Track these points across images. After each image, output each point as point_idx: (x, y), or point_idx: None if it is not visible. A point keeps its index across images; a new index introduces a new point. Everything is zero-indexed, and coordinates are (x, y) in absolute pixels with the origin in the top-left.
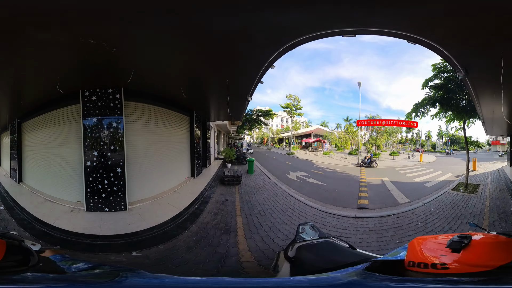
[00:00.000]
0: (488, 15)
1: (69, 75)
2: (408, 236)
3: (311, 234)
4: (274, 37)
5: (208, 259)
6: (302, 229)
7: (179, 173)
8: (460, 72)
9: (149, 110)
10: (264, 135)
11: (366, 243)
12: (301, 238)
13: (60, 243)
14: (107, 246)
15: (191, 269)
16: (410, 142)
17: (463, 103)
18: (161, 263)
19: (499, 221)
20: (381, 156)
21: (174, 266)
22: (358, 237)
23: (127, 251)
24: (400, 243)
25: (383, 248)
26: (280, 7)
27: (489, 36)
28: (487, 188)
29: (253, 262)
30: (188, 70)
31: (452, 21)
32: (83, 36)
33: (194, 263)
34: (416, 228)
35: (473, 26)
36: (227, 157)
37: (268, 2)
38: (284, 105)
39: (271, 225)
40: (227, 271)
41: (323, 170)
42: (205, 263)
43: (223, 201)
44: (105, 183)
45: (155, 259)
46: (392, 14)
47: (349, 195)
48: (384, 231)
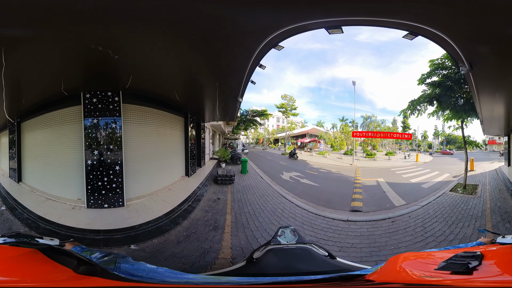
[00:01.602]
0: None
1: (73, 78)
2: (404, 242)
3: (289, 239)
4: (251, 32)
5: (192, 253)
6: (281, 232)
7: (174, 172)
8: (464, 66)
9: (146, 112)
10: (259, 135)
11: (355, 249)
12: (276, 241)
13: (67, 239)
14: (109, 240)
15: (175, 262)
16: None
17: (461, 102)
18: (154, 256)
19: (502, 222)
20: (377, 156)
21: (163, 259)
22: (348, 242)
23: (126, 245)
24: (395, 249)
25: (375, 255)
26: None
27: (503, 31)
28: (486, 189)
29: (227, 259)
30: (180, 74)
31: (466, 11)
32: (94, 42)
33: (180, 256)
34: (413, 233)
35: (488, 18)
36: (221, 157)
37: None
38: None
39: (258, 224)
40: (199, 266)
41: (318, 171)
42: (188, 257)
43: (215, 200)
44: (105, 180)
45: (150, 252)
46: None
47: (342, 196)
48: (378, 236)
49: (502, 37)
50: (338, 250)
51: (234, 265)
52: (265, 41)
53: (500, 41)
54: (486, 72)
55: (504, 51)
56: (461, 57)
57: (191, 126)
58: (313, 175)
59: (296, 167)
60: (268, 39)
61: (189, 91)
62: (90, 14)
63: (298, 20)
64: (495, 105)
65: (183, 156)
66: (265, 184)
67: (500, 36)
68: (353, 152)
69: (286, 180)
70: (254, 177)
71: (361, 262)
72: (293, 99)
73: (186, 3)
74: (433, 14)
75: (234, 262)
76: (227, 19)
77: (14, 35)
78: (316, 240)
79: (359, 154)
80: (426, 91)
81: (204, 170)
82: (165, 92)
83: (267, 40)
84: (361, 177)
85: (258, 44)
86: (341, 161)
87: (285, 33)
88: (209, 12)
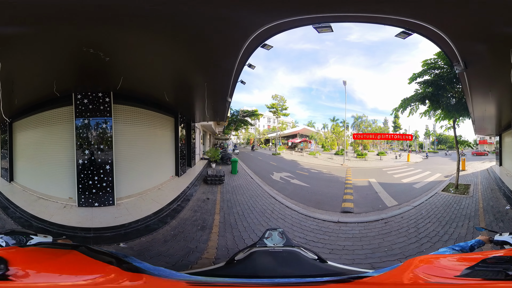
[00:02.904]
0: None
1: (64, 79)
2: (398, 244)
3: (276, 241)
4: (237, 29)
5: (177, 252)
6: (268, 234)
7: (164, 172)
8: (459, 65)
9: (136, 112)
10: (250, 135)
11: (347, 251)
12: (262, 243)
13: (60, 237)
14: (99, 238)
15: (159, 261)
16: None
17: (454, 101)
18: (140, 254)
19: (495, 221)
20: (368, 157)
21: (149, 257)
22: (339, 244)
23: (116, 243)
24: (390, 251)
25: (369, 257)
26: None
27: (500, 31)
28: (478, 188)
29: (210, 259)
30: (169, 75)
31: (465, 9)
32: (85, 44)
33: (165, 255)
34: (407, 234)
35: (486, 17)
36: (212, 157)
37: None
38: (269, 106)
39: (246, 225)
40: (181, 265)
41: (308, 171)
42: (172, 256)
43: (204, 200)
44: (95, 179)
45: (138, 250)
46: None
47: (333, 197)
48: (371, 237)
49: (498, 36)
50: (329, 253)
51: (214, 265)
52: (251, 37)
53: (496, 40)
54: (480, 71)
55: (500, 50)
56: (457, 56)
57: (182, 126)
58: (303, 175)
59: (286, 167)
60: (253, 36)
61: (178, 91)
62: (82, 15)
63: (286, 16)
64: (488, 105)
65: (173, 156)
66: (255, 184)
67: (497, 35)
68: (344, 152)
69: (276, 180)
70: (244, 177)
71: (353, 264)
72: (284, 99)
73: (171, 3)
74: (429, 10)
75: (216, 263)
76: (213, 17)
77: (5, 34)
78: (306, 242)
79: (350, 154)
80: (418, 90)
81: (194, 170)
82: (155, 93)
83: (253, 37)
84: (352, 178)
85: (244, 42)
86: (332, 161)
87: (274, 29)
88: (193, 10)
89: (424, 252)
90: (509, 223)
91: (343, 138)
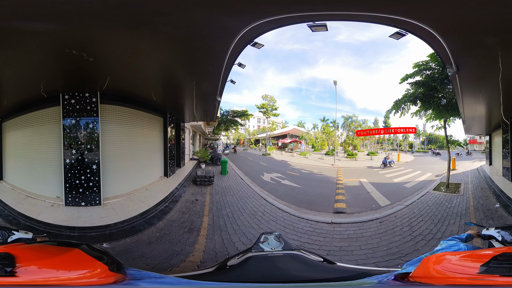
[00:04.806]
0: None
1: (51, 80)
2: (394, 242)
3: (274, 245)
4: (223, 28)
5: (160, 255)
6: (264, 239)
7: (152, 172)
8: (451, 68)
9: (124, 112)
10: (240, 136)
11: (345, 252)
12: (259, 248)
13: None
14: (83, 237)
15: (140, 262)
16: (387, 141)
17: (444, 102)
18: (122, 255)
19: (486, 219)
20: (358, 156)
21: (131, 259)
22: (334, 245)
23: (99, 243)
24: (389, 250)
25: (370, 257)
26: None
27: (491, 34)
28: (468, 187)
29: (195, 263)
30: (155, 73)
31: (462, 11)
32: (67, 46)
33: (147, 257)
34: (401, 233)
35: (480, 19)
36: (201, 158)
37: None
38: (260, 106)
39: (236, 227)
40: (161, 267)
41: (299, 172)
42: (155, 258)
43: (193, 201)
44: (82, 179)
45: (119, 251)
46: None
47: (325, 198)
48: (368, 237)
49: (489, 39)
50: (326, 254)
51: (200, 269)
52: (239, 35)
53: (487, 44)
54: (472, 74)
55: (490, 54)
56: (450, 59)
57: (171, 126)
58: (294, 176)
59: (277, 168)
60: (241, 34)
61: (166, 90)
62: (61, 16)
63: (274, 14)
64: (478, 105)
65: (162, 156)
66: (245, 185)
67: (488, 38)
68: (334, 152)
69: (267, 181)
70: (234, 178)
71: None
72: (274, 99)
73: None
74: (425, 9)
75: (202, 266)
76: (197, 18)
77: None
78: (301, 244)
79: (340, 155)
80: (410, 90)
81: (183, 170)
82: (142, 92)
83: (241, 35)
84: (344, 178)
85: (232, 40)
86: (323, 161)
87: (263, 27)
88: (176, 10)
89: (420, 250)
90: (498, 221)
91: (334, 138)
